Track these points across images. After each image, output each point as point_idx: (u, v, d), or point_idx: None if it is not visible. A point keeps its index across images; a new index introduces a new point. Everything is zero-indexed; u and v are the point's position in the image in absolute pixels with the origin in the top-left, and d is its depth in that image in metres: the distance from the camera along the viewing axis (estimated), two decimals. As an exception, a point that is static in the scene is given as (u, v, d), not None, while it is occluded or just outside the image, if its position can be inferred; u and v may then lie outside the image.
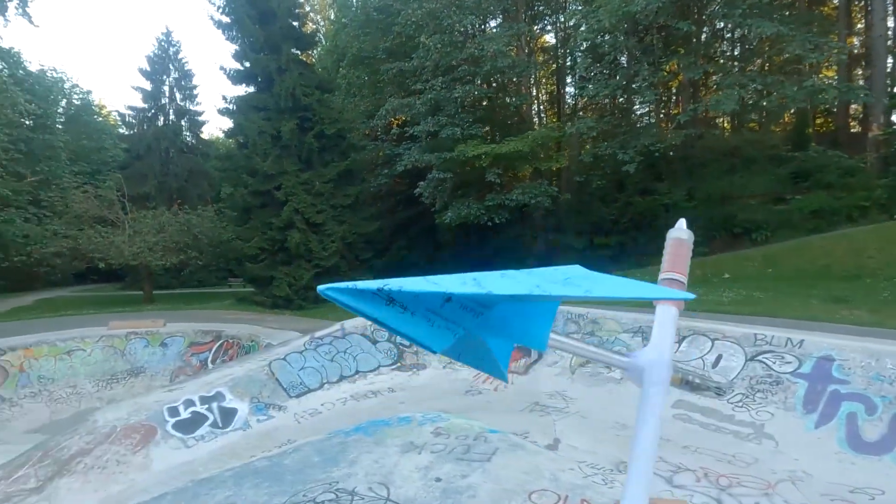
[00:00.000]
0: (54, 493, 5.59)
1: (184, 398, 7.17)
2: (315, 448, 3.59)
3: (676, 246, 0.90)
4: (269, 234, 20.30)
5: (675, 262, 0.88)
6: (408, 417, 4.38)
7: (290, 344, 9.08)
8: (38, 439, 11.07)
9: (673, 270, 0.87)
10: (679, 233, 0.96)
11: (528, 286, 0.81)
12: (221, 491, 3.10)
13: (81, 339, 14.52)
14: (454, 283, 0.68)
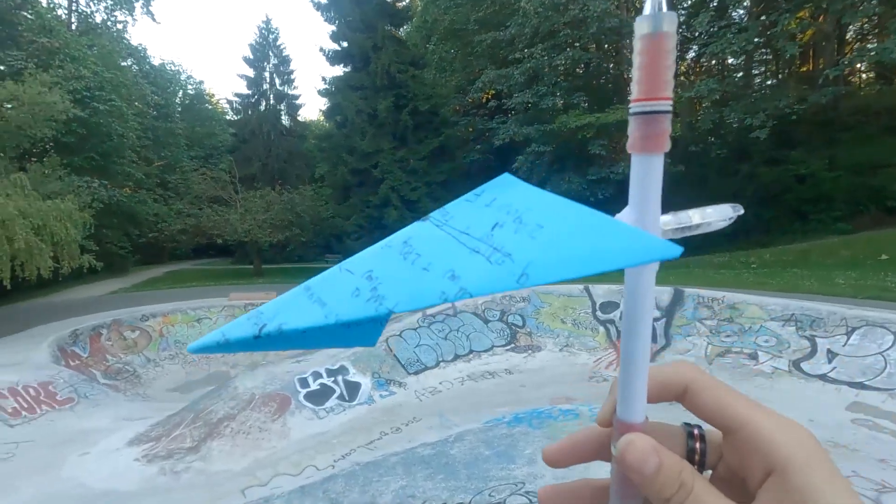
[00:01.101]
0: (208, 453, 5.94)
1: (311, 370, 7.37)
2: (479, 438, 3.32)
3: (650, 46, 0.27)
4: (367, 211, 20.80)
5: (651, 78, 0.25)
6: (573, 411, 3.98)
7: (404, 320, 9.05)
8: (177, 396, 12.27)
9: (650, 96, 0.26)
10: (652, 21, 0.31)
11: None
12: (393, 478, 2.88)
13: (208, 309, 15.85)
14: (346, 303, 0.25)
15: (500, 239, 0.34)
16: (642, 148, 0.32)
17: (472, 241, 0.36)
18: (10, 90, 14.47)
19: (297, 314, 0.38)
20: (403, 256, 0.38)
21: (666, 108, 0.31)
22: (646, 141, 0.31)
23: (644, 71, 0.30)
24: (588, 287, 9.94)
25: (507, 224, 0.36)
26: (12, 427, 7.14)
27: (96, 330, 13.23)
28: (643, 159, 0.32)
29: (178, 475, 5.60)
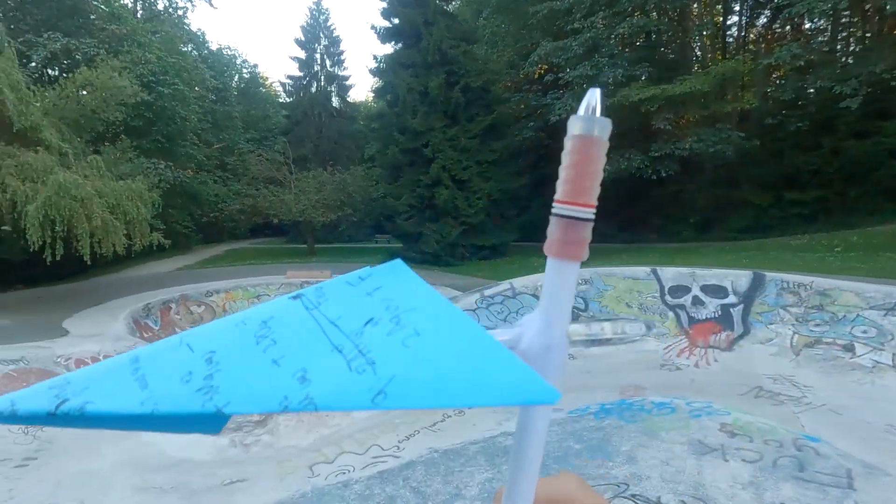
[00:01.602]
0: (276, 428, 6.04)
1: (372, 349, 7.34)
2: (565, 430, 3.08)
3: (580, 148, 0.29)
4: (418, 191, 20.68)
5: (578, 181, 0.29)
6: (668, 404, 3.65)
7: (461, 301, 8.87)
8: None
9: (574, 200, 0.26)
10: (585, 124, 0.29)
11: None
12: (477, 469, 2.68)
13: (266, 286, 16.35)
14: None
15: (370, 339, 0.32)
16: (559, 252, 0.31)
17: (339, 335, 0.33)
18: (85, 76, 15.22)
19: (109, 393, 0.33)
20: (257, 340, 0.33)
21: (588, 215, 0.30)
22: (564, 246, 0.30)
23: (571, 171, 0.30)
24: (656, 269, 9.37)
25: (382, 322, 0.33)
26: (96, 393, 7.59)
27: (166, 304, 13.93)
28: (559, 264, 0.31)
29: (248, 447, 5.73)
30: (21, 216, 10.71)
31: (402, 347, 0.31)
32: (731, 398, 5.91)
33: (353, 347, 0.32)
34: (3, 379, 6.90)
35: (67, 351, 8.00)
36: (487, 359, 0.29)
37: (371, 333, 0.32)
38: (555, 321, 0.31)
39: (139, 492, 4.86)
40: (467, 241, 20.46)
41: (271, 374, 0.32)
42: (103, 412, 0.30)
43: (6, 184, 10.81)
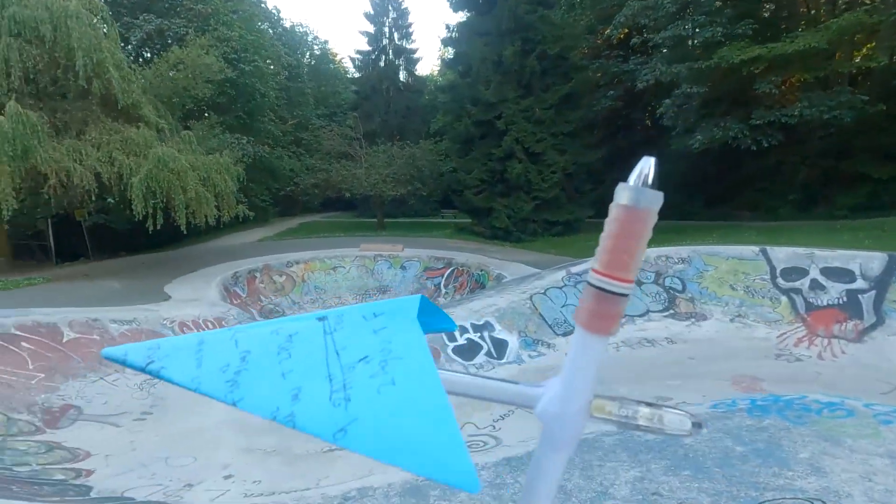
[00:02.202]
0: (367, 398, 6.07)
1: (458, 324, 7.19)
2: (717, 428, 2.71)
3: (624, 219, 0.30)
4: (490, 164, 20.18)
5: (619, 254, 0.28)
6: (838, 405, 3.15)
7: (546, 277, 8.49)
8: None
9: (613, 274, 0.28)
10: (633, 194, 0.31)
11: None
12: (620, 466, 2.38)
13: (342, 258, 16.75)
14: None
15: (356, 377, 0.35)
16: (588, 325, 0.30)
17: (337, 365, 0.36)
18: (176, 55, 16.01)
19: (177, 365, 0.42)
20: (278, 351, 0.38)
21: (625, 291, 0.29)
22: (594, 319, 0.30)
23: (613, 242, 0.29)
24: (766, 249, 8.44)
25: (373, 363, 0.36)
26: (198, 355, 8.07)
27: (252, 273, 14.64)
28: (587, 336, 0.31)
29: (342, 416, 5.79)
30: (127, 188, 11.50)
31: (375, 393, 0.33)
32: (874, 396, 5.15)
33: (340, 380, 0.35)
34: (120, 338, 7.46)
35: (172, 314, 8.54)
36: (435, 431, 0.31)
37: (360, 371, 0.35)
38: (573, 394, 0.30)
39: (245, 452, 5.04)
40: (540, 216, 19.78)
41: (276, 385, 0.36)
42: (170, 378, 0.39)
43: (114, 158, 11.61)
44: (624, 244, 0.27)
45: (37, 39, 10.84)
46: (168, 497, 4.18)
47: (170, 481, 4.47)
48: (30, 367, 6.01)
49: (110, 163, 11.54)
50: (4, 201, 9.68)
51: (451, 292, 15.61)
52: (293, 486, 4.31)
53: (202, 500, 4.14)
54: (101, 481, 4.38)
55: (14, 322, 6.41)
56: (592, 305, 0.28)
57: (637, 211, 0.25)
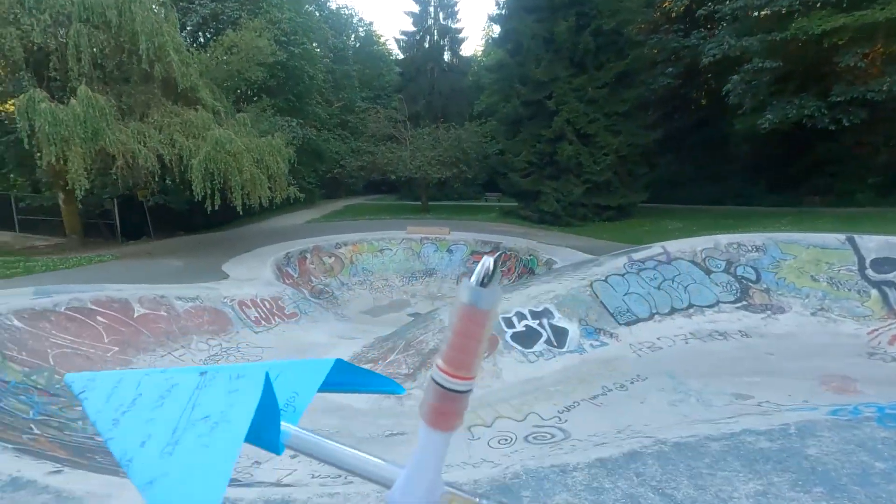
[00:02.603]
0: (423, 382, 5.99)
1: (515, 310, 6.97)
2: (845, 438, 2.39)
3: (465, 319, 0.30)
4: (538, 146, 19.61)
5: (460, 352, 0.31)
6: None
7: (606, 264, 8.10)
8: (368, 319, 13.31)
9: (455, 373, 0.31)
10: (472, 295, 0.30)
11: None
12: (734, 476, 2.12)
13: (389, 241, 16.79)
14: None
15: (189, 433, 0.35)
16: (430, 420, 0.30)
17: (186, 419, 0.37)
18: (231, 38, 16.27)
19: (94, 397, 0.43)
20: (158, 398, 0.39)
21: (467, 388, 0.29)
22: (437, 416, 0.30)
23: (455, 339, 0.29)
24: (853, 237, 7.72)
25: (209, 422, 0.36)
26: (256, 333, 8.25)
27: (302, 254, 14.90)
28: (430, 433, 0.31)
29: (401, 400, 5.73)
30: (187, 169, 11.85)
31: (190, 452, 0.34)
32: None
33: (178, 435, 0.35)
34: (185, 314, 7.71)
35: (232, 293, 8.77)
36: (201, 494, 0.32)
37: (196, 429, 0.35)
38: (415, 488, 0.30)
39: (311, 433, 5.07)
40: (590, 200, 19.10)
41: (137, 429, 0.36)
42: (85, 408, 0.39)
43: (174, 140, 11.97)
44: (464, 343, 0.26)
45: (103, 24, 11.20)
46: (239, 474, 4.24)
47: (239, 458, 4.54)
48: (105, 341, 6.28)
49: (171, 144, 11.90)
50: (77, 181, 10.18)
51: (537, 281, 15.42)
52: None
53: (270, 477, 4.17)
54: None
55: (90, 297, 6.70)
56: (436, 403, 0.26)
57: (476, 311, 0.25)
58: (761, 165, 21.95)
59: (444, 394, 0.26)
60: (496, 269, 0.26)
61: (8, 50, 10.54)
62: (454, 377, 0.26)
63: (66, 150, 9.85)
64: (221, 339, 7.63)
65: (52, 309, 6.16)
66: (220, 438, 0.34)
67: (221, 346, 7.45)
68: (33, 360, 5.24)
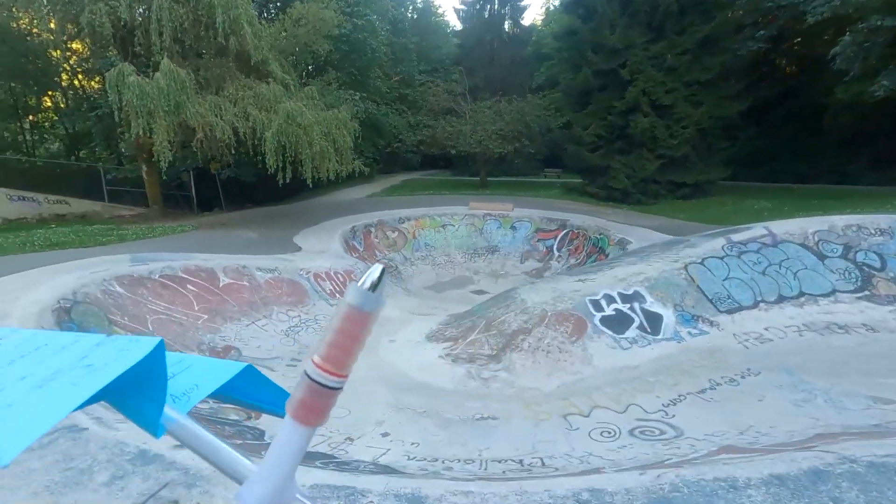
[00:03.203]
0: (510, 365, 5.73)
1: (602, 292, 6.54)
2: None
3: (349, 319, 0.32)
4: (609, 119, 18.50)
5: (341, 352, 0.32)
6: None
7: (701, 246, 7.44)
8: (433, 294, 13.26)
9: (335, 371, 0.32)
10: (359, 297, 0.32)
11: None
12: None
13: (451, 216, 16.55)
14: None
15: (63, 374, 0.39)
16: (297, 415, 0.30)
17: (70, 365, 0.40)
18: (298, 10, 16.24)
19: None
20: (64, 346, 0.43)
21: (339, 385, 0.31)
22: (303, 410, 0.30)
23: (335, 337, 0.30)
24: None
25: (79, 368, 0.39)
26: (332, 305, 8.29)
27: (367, 228, 14.97)
28: (294, 426, 0.31)
29: (487, 382, 5.52)
30: (260, 142, 12.02)
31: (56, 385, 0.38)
32: None
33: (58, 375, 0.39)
34: (265, 285, 7.84)
35: (307, 265, 8.85)
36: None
37: (74, 371, 0.39)
38: (265, 479, 0.30)
39: (396, 410, 4.96)
40: (665, 176, 17.90)
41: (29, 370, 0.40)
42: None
43: (248, 113, 12.14)
44: (344, 342, 0.26)
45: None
46: (333, 449, 4.18)
47: (331, 432, 4.50)
48: (195, 308, 6.46)
49: (245, 118, 12.08)
50: (162, 153, 10.57)
51: (565, 256, 14.80)
52: (454, 453, 4.10)
53: (366, 456, 4.08)
54: (271, 425, 4.50)
55: (181, 265, 6.90)
56: (306, 397, 0.26)
57: (361, 312, 0.26)
58: (862, 139, 19.72)
59: (317, 389, 0.26)
60: (383, 277, 0.26)
61: (98, 26, 10.96)
62: (330, 374, 0.26)
63: (151, 123, 10.21)
64: (300, 311, 7.72)
65: (148, 276, 6.37)
66: (89, 380, 0.36)
67: (300, 318, 7.53)
68: (135, 325, 5.42)
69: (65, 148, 23.47)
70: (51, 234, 10.06)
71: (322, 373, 0.28)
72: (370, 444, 4.35)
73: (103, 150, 22.41)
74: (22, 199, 14.93)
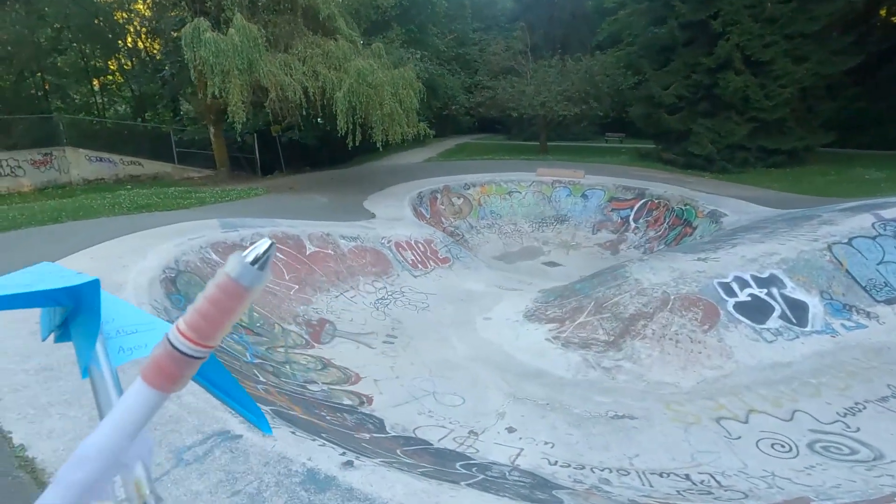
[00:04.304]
0: (634, 354, 5.12)
1: (732, 275, 5.75)
2: None
3: (226, 291, 0.29)
4: (694, 78, 16.82)
5: (213, 322, 0.28)
6: None
7: (843, 223, 6.43)
8: (503, 265, 12.68)
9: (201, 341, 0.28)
10: (241, 270, 0.29)
11: None
12: None
13: (517, 183, 15.72)
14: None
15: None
16: (151, 380, 0.30)
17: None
18: (362, -40, 15.36)
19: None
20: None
21: (201, 355, 0.30)
22: (159, 376, 0.30)
23: (207, 307, 0.29)
24: None
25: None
26: (415, 277, 7.89)
27: (433, 194, 14.43)
28: (145, 390, 0.31)
29: (610, 372, 4.96)
30: (332, 102, 11.53)
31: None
32: None
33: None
34: (349, 254, 7.50)
35: (387, 233, 8.43)
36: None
37: None
38: (102, 436, 0.29)
39: (516, 400, 4.50)
40: (755, 142, 16.23)
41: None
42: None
43: (317, 71, 11.63)
44: (214, 314, 0.25)
45: (251, -51, 10.83)
46: (461, 445, 3.78)
47: (450, 423, 4.10)
48: (286, 278, 6.19)
49: (315, 77, 11.59)
50: (237, 114, 10.29)
51: (643, 227, 13.81)
52: (599, 459, 3.60)
53: (499, 455, 3.65)
54: (384, 411, 4.15)
55: (269, 232, 6.62)
56: (165, 362, 0.26)
57: (239, 286, 0.26)
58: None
59: (177, 356, 0.26)
60: (270, 252, 0.26)
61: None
62: (192, 342, 0.25)
63: (227, 82, 9.88)
64: (385, 282, 7.35)
65: (240, 243, 6.11)
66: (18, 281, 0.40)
67: (387, 290, 7.17)
68: (234, 295, 5.17)
69: (131, 110, 23.98)
70: (134, 195, 10.11)
71: (185, 340, 0.26)
72: (498, 440, 3.92)
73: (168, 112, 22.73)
74: (99, 160, 15.28)
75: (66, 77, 20.98)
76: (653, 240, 13.19)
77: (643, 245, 13.19)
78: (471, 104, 24.66)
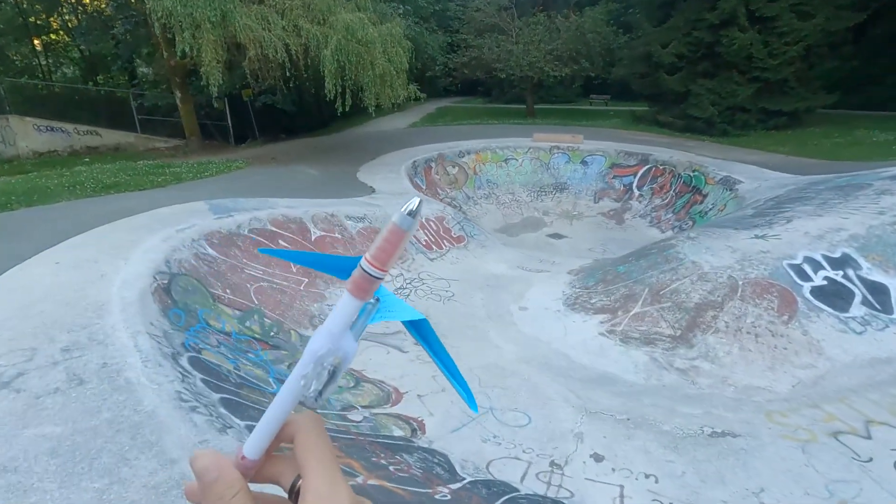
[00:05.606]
0: (710, 351, 4.50)
1: (801, 255, 5.16)
2: None
3: (392, 234, 0.40)
4: (694, 35, 16.00)
5: (386, 255, 0.40)
6: None
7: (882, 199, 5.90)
8: (505, 238, 11.92)
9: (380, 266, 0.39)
10: (400, 219, 0.40)
11: None
12: None
13: (514, 149, 14.81)
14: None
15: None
16: (353, 291, 0.41)
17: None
18: None
19: None
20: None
21: (380, 276, 0.40)
22: (357, 289, 0.41)
23: (385, 245, 0.39)
24: None
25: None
26: (431, 260, 7.06)
27: (427, 163, 13.43)
28: (352, 300, 0.41)
29: (687, 375, 4.33)
30: (315, 62, 10.26)
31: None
32: None
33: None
34: (357, 236, 6.59)
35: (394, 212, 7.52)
36: None
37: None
38: (325, 330, 0.40)
39: (590, 416, 3.83)
40: (757, 103, 15.69)
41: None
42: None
43: (299, 26, 10.27)
44: (388, 248, 0.36)
45: None
46: (547, 484, 3.09)
47: (524, 452, 3.41)
48: (293, 270, 5.27)
49: (297, 33, 10.24)
50: (212, 75, 8.95)
51: (648, 195, 13.24)
52: (720, 498, 2.97)
53: (598, 498, 2.99)
54: (443, 440, 3.42)
55: (268, 216, 5.64)
56: (364, 283, 0.38)
57: (401, 230, 0.37)
58: None
59: (367, 276, 0.37)
60: (420, 207, 0.36)
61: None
62: (375, 267, 0.37)
63: (198, 38, 8.51)
64: (402, 269, 6.51)
65: (237, 232, 5.13)
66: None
67: (404, 278, 6.34)
68: (239, 299, 4.27)
69: (81, 73, 21.61)
70: (96, 172, 8.77)
71: (371, 266, 0.37)
72: (588, 474, 3.24)
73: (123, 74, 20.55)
74: (50, 130, 13.52)
75: (3, 36, 18.55)
76: (659, 208, 12.65)
77: (649, 214, 12.65)
78: (454, 65, 23.19)
